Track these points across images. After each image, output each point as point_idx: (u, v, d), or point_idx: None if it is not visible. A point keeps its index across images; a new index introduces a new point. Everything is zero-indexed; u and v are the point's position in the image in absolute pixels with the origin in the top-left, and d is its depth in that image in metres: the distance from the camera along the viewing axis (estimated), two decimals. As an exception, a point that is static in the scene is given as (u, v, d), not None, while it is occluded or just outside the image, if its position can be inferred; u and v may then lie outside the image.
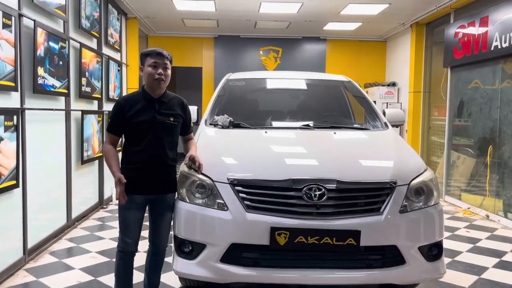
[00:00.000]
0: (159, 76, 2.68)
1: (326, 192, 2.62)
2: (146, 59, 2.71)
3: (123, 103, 2.71)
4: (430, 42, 8.22)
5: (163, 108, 2.74)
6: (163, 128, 2.72)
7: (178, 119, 2.80)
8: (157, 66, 2.68)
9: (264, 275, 2.64)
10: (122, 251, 2.74)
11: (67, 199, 4.80)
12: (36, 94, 3.97)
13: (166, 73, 2.72)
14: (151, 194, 2.73)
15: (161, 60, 2.70)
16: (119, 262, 2.76)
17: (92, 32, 5.54)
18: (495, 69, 5.91)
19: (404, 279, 2.76)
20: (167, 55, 2.74)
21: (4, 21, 3.31)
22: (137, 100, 2.72)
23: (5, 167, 3.36)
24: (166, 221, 2.84)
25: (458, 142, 6.92)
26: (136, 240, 2.75)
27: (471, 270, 3.87)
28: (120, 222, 2.74)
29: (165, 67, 2.71)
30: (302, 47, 10.00)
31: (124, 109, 2.68)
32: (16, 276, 3.53)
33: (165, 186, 2.79)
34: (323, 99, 4.47)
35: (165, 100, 2.77)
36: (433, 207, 2.83)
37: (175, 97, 2.88)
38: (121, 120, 2.70)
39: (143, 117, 2.68)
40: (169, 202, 2.82)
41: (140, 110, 2.69)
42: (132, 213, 2.71)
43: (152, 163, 2.70)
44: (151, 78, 2.68)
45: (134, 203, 2.69)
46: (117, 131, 2.75)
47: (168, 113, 2.75)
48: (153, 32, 9.50)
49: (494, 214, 5.76)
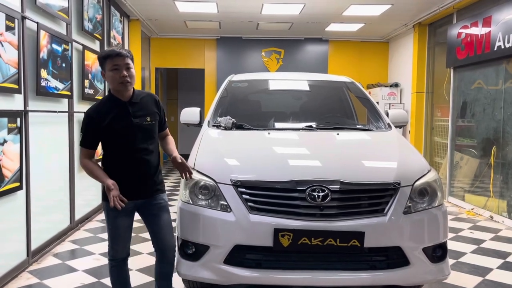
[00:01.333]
0: (123, 78, 2.49)
1: (329, 193, 2.61)
2: (106, 63, 2.51)
3: (94, 115, 2.53)
4: (432, 43, 8.21)
5: (137, 109, 2.58)
6: (142, 131, 2.58)
7: (154, 117, 2.66)
8: (119, 69, 2.48)
9: (267, 276, 2.63)
10: (113, 259, 2.66)
11: (70, 201, 4.81)
12: (39, 96, 3.98)
13: (130, 73, 2.52)
14: (139, 199, 2.62)
15: (122, 61, 2.49)
16: (111, 270, 2.68)
17: (94, 34, 5.55)
18: (498, 70, 5.89)
19: (408, 281, 2.74)
20: (127, 54, 2.53)
21: (8, 23, 3.32)
22: (108, 108, 2.55)
23: (9, 169, 3.36)
24: (164, 222, 2.69)
25: (462, 142, 6.90)
26: (127, 246, 2.67)
27: (475, 271, 3.85)
28: (109, 231, 2.63)
29: (127, 67, 2.51)
30: (304, 48, 10.00)
31: (96, 121, 2.51)
32: (20, 278, 3.54)
33: (153, 189, 2.66)
34: (325, 100, 4.46)
35: (136, 101, 2.60)
36: (437, 208, 2.82)
37: (146, 95, 2.71)
38: (94, 132, 2.53)
39: (119, 124, 2.52)
40: (161, 203, 2.69)
41: (114, 118, 2.52)
42: (121, 221, 2.60)
43: (136, 168, 2.57)
44: (115, 82, 2.50)
45: (123, 210, 2.52)
46: (92, 144, 2.58)
47: (143, 114, 2.60)
48: (155, 34, 9.52)
49: (498, 215, 5.74)
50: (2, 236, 3.41)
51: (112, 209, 2.54)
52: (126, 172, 2.56)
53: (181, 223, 2.80)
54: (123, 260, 2.70)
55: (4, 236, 3.43)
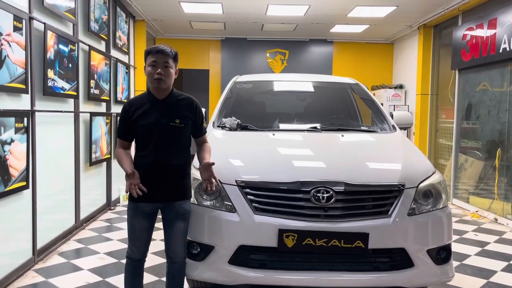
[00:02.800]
0: (158, 75, 2.49)
1: (334, 195, 2.62)
2: (147, 58, 2.55)
3: (128, 107, 2.59)
4: (437, 44, 8.19)
5: (168, 109, 2.57)
6: (168, 131, 2.55)
7: (185, 120, 2.60)
8: (156, 65, 2.50)
9: (272, 277, 2.64)
10: (129, 257, 2.67)
11: (76, 200, 4.83)
12: (46, 96, 4.01)
13: (167, 72, 2.51)
14: (158, 202, 2.58)
15: (161, 59, 2.50)
16: (126, 267, 2.70)
17: (100, 35, 5.58)
18: (503, 72, 5.88)
19: (413, 282, 2.74)
20: (169, 52, 2.52)
21: (15, 24, 3.35)
22: (142, 103, 2.59)
23: (16, 169, 3.39)
24: (177, 231, 2.63)
25: (466, 144, 6.88)
26: (143, 248, 2.65)
27: (479, 273, 3.84)
28: (128, 228, 2.66)
29: (165, 65, 2.51)
30: (309, 49, 10.00)
31: (129, 113, 2.56)
32: (26, 277, 3.57)
33: (173, 193, 2.60)
34: (330, 101, 4.47)
35: (171, 101, 2.60)
36: (441, 210, 2.82)
37: (184, 97, 2.68)
38: (127, 124, 2.59)
39: (146, 121, 2.54)
40: (179, 210, 2.61)
41: (144, 113, 2.55)
42: (138, 222, 2.58)
43: (157, 169, 2.53)
44: (150, 78, 2.53)
45: (140, 211, 2.56)
46: (125, 136, 2.63)
47: (173, 115, 2.57)
48: (160, 34, 9.55)
49: (502, 217, 5.72)
50: (9, 234, 3.43)
51: (131, 208, 2.59)
52: (147, 171, 2.53)
53: (186, 223, 2.82)
54: (139, 261, 2.68)
55: (10, 235, 3.46)
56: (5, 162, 3.24)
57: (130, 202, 2.61)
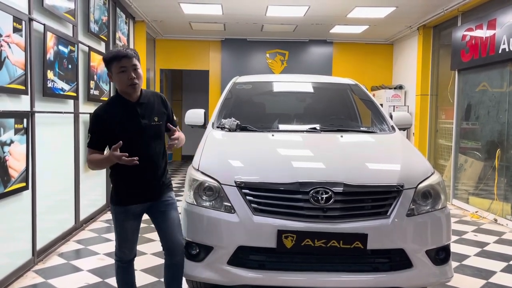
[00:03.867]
0: (132, 80, 2.45)
1: (333, 195, 2.62)
2: (113, 65, 2.46)
3: (101, 114, 2.49)
4: (437, 45, 8.20)
5: (145, 110, 2.55)
6: (151, 132, 2.54)
7: (162, 117, 2.62)
8: (126, 70, 2.44)
9: (271, 277, 2.64)
10: (120, 260, 2.66)
11: (75, 201, 4.84)
12: (46, 97, 4.02)
13: (138, 74, 2.48)
14: (147, 201, 2.61)
15: (129, 63, 2.45)
16: (118, 270, 2.69)
17: (100, 36, 5.59)
18: (503, 72, 5.88)
19: (411, 283, 2.74)
20: (133, 54, 2.48)
21: (15, 25, 3.36)
22: (116, 109, 2.51)
23: (15, 170, 3.40)
24: (172, 221, 2.64)
25: (466, 145, 6.88)
26: (134, 248, 2.69)
27: (479, 274, 3.84)
28: (116, 233, 2.62)
29: (134, 68, 2.47)
30: (308, 50, 10.01)
31: (104, 121, 2.47)
32: (25, 278, 3.57)
33: (161, 190, 2.64)
34: (330, 102, 4.47)
35: (144, 101, 2.56)
36: (440, 210, 2.82)
37: (152, 94, 2.67)
38: (103, 133, 2.47)
39: (128, 126, 2.48)
40: (168, 200, 2.66)
41: (122, 119, 2.48)
42: (129, 224, 2.59)
43: (146, 172, 2.53)
44: (124, 84, 2.46)
45: (131, 213, 2.56)
46: (99, 145, 2.51)
47: (151, 114, 2.56)
48: (160, 35, 9.56)
49: (502, 218, 5.72)
50: (8, 235, 3.44)
51: (120, 212, 2.57)
52: (134, 174, 2.51)
53: (185, 224, 2.82)
54: (130, 261, 2.71)
55: (10, 236, 3.46)
56: (4, 163, 3.25)
57: (118, 206, 2.58)
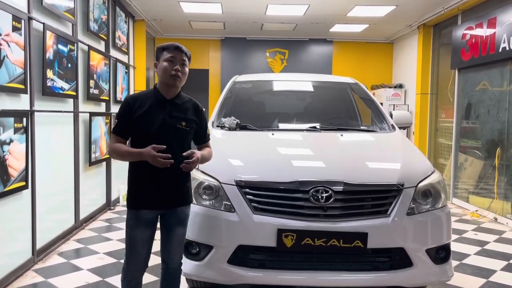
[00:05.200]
0: (176, 72, 2.37)
1: (333, 194, 2.62)
2: (163, 53, 2.41)
3: (131, 102, 2.40)
4: (437, 44, 8.19)
5: (175, 110, 2.43)
6: (174, 133, 2.39)
7: (190, 124, 2.47)
8: (174, 61, 2.38)
9: (271, 276, 2.64)
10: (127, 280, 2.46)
11: (75, 200, 4.83)
12: (45, 97, 4.01)
13: (184, 70, 2.42)
14: (161, 209, 2.43)
15: (179, 55, 2.40)
16: (122, 283, 2.49)
17: (100, 35, 5.58)
18: (503, 71, 5.88)
19: (412, 282, 2.75)
20: (186, 51, 2.45)
21: (14, 24, 3.35)
22: (147, 100, 2.41)
23: (15, 169, 3.39)
24: (176, 237, 2.49)
25: (466, 144, 6.88)
26: (142, 264, 2.46)
27: (479, 273, 3.84)
28: (126, 242, 2.44)
29: (182, 63, 2.41)
30: (308, 49, 10.00)
31: (132, 109, 2.38)
32: (25, 277, 3.57)
33: (176, 199, 2.45)
34: (330, 101, 4.47)
35: (178, 102, 2.46)
36: (440, 209, 2.82)
37: (190, 100, 2.56)
38: (128, 120, 2.38)
39: (152, 119, 2.36)
40: (181, 216, 2.48)
41: (149, 110, 2.38)
42: (139, 232, 2.40)
43: (162, 173, 2.34)
44: (166, 73, 2.38)
45: (141, 220, 2.39)
46: (123, 133, 2.41)
47: (180, 117, 2.43)
48: (160, 34, 9.55)
49: (502, 217, 5.72)
50: (8, 234, 3.43)
51: (131, 217, 2.41)
52: (150, 177, 2.36)
53: (185, 223, 2.82)
54: (137, 281, 2.49)
55: (9, 235, 3.46)
56: (4, 162, 3.24)
57: (130, 210, 2.42)
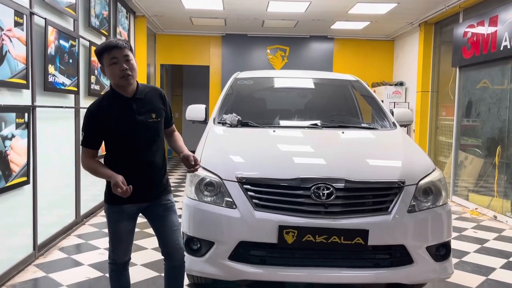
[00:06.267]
0: (124, 71, 2.28)
1: (334, 191, 2.63)
2: (103, 57, 2.31)
3: (95, 111, 2.33)
4: (438, 42, 8.18)
5: (141, 106, 2.37)
6: (147, 129, 2.37)
7: (160, 114, 2.44)
8: (118, 62, 2.28)
9: (271, 273, 2.65)
10: (113, 263, 2.51)
11: (76, 196, 4.84)
12: (47, 92, 4.01)
13: (130, 65, 2.31)
14: (143, 202, 2.45)
15: (120, 53, 2.28)
16: (111, 273, 2.53)
17: (101, 31, 5.58)
18: (504, 69, 5.87)
19: (412, 279, 2.76)
20: (125, 44, 2.32)
21: (16, 19, 3.35)
22: (110, 104, 2.35)
23: (17, 164, 3.40)
24: (171, 224, 2.49)
25: (466, 142, 6.89)
26: (128, 250, 2.51)
27: (478, 270, 3.86)
28: (110, 234, 2.47)
29: (127, 59, 2.30)
30: (309, 46, 9.99)
31: (99, 118, 2.32)
32: (26, 272, 3.58)
33: (158, 190, 2.47)
34: (331, 98, 4.47)
35: (141, 96, 2.39)
36: (441, 207, 2.83)
37: (151, 89, 2.49)
38: (96, 131, 2.32)
39: (122, 123, 2.32)
40: (166, 204, 2.50)
41: (117, 115, 2.32)
42: (123, 225, 2.43)
43: (142, 171, 2.38)
44: (116, 76, 2.29)
45: (125, 214, 2.41)
46: (94, 144, 2.36)
47: (148, 110, 2.38)
48: (161, 30, 9.54)
49: (502, 215, 5.73)
50: (10, 230, 3.44)
51: (114, 212, 2.43)
52: (129, 173, 2.34)
53: (186, 218, 2.83)
54: (124, 265, 2.54)
55: (11, 230, 3.47)
56: (6, 157, 3.25)
57: (112, 205, 2.44)
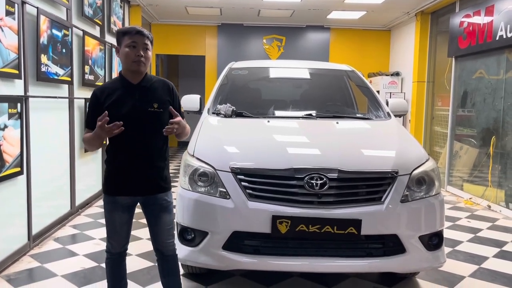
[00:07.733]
0: (138, 57, 2.31)
1: (327, 181, 2.63)
2: (124, 39, 2.34)
3: (99, 94, 2.35)
4: (434, 32, 8.16)
5: (144, 94, 2.37)
6: (146, 118, 2.34)
7: (164, 104, 2.39)
8: (136, 47, 2.31)
9: (265, 262, 2.67)
10: (109, 252, 2.53)
11: (71, 186, 4.84)
12: (40, 82, 3.98)
13: (147, 54, 2.35)
14: (138, 195, 2.41)
15: (141, 40, 2.32)
16: (107, 262, 2.55)
17: (95, 20, 5.52)
18: (499, 59, 5.87)
19: (404, 268, 2.79)
20: (148, 35, 2.36)
21: (7, 8, 3.31)
22: (115, 88, 2.36)
23: (10, 154, 3.38)
24: (164, 225, 2.47)
25: (461, 132, 6.91)
26: (123, 241, 2.50)
27: (471, 259, 3.89)
28: (106, 223, 2.48)
29: (145, 47, 2.34)
30: (305, 35, 9.94)
31: (100, 100, 2.33)
32: (21, 262, 3.58)
33: (154, 185, 2.41)
34: (326, 88, 4.46)
35: (146, 85, 2.39)
36: (434, 197, 2.84)
37: (159, 80, 2.49)
38: (97, 113, 2.27)
39: (121, 108, 2.30)
40: (163, 204, 2.45)
41: (117, 99, 2.32)
42: (117, 216, 2.42)
43: (136, 161, 2.35)
44: (129, 59, 2.32)
45: (119, 205, 2.40)
46: (94, 126, 2.29)
47: (150, 99, 2.37)
48: (156, 20, 9.46)
49: (495, 205, 5.77)
50: (4, 220, 3.44)
51: (109, 202, 2.43)
52: (124, 162, 2.35)
53: (180, 209, 2.83)
54: (120, 255, 2.54)
55: (5, 221, 3.46)
56: (-2, 148, 3.23)
57: (107, 196, 2.43)
